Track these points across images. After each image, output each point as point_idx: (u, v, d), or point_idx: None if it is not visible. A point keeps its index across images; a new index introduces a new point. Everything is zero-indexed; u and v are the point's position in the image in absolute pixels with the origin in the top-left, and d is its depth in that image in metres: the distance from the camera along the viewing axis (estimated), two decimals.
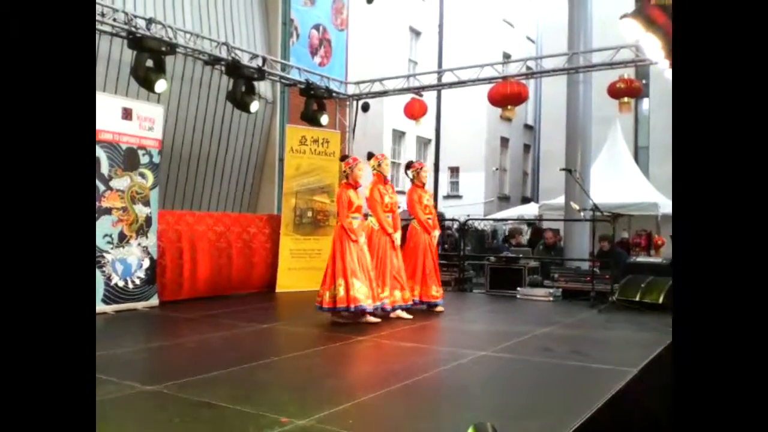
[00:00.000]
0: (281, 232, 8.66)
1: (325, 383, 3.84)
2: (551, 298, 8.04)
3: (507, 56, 20.19)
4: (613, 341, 5.60)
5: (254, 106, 8.30)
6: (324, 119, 9.34)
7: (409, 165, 7.23)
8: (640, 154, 17.86)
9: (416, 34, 19.18)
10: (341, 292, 5.77)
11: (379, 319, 5.93)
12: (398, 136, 18.33)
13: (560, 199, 11.49)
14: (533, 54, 20.93)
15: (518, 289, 8.39)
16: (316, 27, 11.65)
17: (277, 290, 8.50)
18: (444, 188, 20.15)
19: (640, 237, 11.17)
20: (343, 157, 6.40)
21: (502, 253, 10.02)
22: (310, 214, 8.92)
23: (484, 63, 9.56)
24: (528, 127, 23.62)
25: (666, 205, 12.98)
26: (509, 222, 15.19)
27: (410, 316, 6.37)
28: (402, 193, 9.25)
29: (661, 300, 6.97)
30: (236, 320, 6.25)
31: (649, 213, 12.50)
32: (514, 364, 4.61)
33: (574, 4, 10.74)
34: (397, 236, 6.49)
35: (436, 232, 7.07)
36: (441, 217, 17.34)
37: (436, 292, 6.82)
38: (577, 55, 9.19)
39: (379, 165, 6.57)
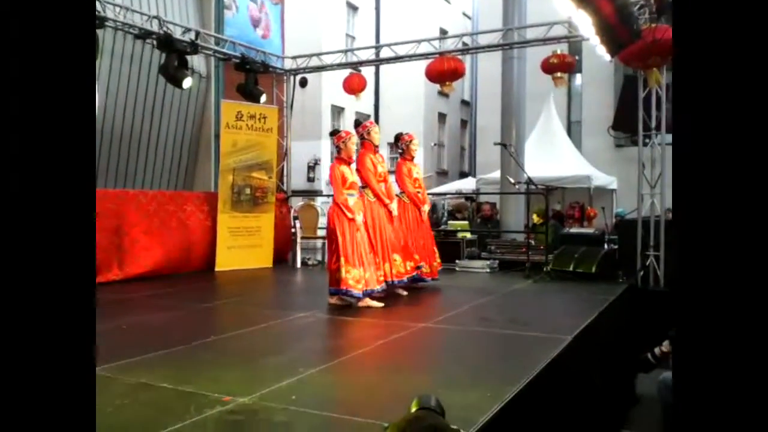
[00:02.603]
0: (219, 209, 8.49)
1: (267, 360, 3.83)
2: (488, 270, 8.21)
3: (443, 32, 20.23)
4: (549, 310, 5.79)
5: (187, 82, 8.04)
6: (263, 98, 9.18)
7: (398, 137, 6.99)
8: (572, 129, 18.31)
9: (353, 9, 18.99)
10: (343, 273, 5.54)
11: (382, 304, 5.63)
12: (337, 111, 18.21)
13: (496, 174, 11.70)
14: (469, 30, 21.04)
15: (457, 261, 8.53)
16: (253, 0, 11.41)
17: (217, 269, 8.36)
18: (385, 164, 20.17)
19: (574, 209, 11.51)
20: (334, 132, 6.09)
21: (440, 227, 10.16)
22: (248, 191, 8.78)
23: (421, 38, 9.56)
24: (465, 103, 23.84)
25: (598, 178, 13.41)
26: (447, 196, 15.37)
27: (405, 293, 6.22)
28: None
29: (593, 270, 7.22)
30: (174, 300, 6.15)
31: (582, 186, 12.89)
32: (454, 334, 4.72)
33: None
34: (394, 206, 6.24)
35: (426, 207, 6.91)
36: None
37: (426, 267, 6.69)
38: (512, 31, 9.29)
39: (369, 133, 6.21)
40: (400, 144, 6.96)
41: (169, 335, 4.49)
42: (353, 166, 5.98)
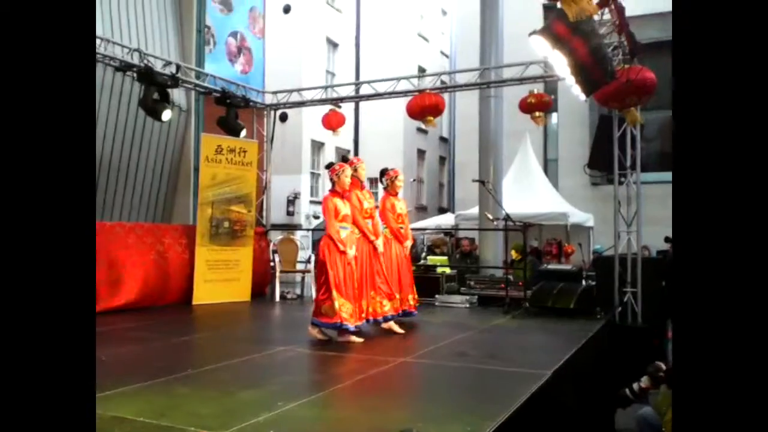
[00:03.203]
0: (197, 242, 8.42)
1: (245, 394, 3.78)
2: (467, 305, 8.23)
3: (422, 70, 20.57)
4: (527, 346, 5.79)
5: (166, 114, 8.03)
6: (243, 132, 9.20)
7: (383, 172, 6.93)
8: (549, 167, 18.56)
9: (333, 45, 19.26)
10: (336, 306, 5.45)
11: (362, 339, 5.58)
12: (317, 146, 18.31)
13: (475, 210, 11.78)
14: (447, 68, 21.43)
15: (436, 296, 8.52)
16: (233, 34, 11.53)
17: (194, 303, 8.24)
18: None
19: (551, 245, 11.60)
20: (329, 165, 6.06)
21: (419, 262, 10.16)
22: (226, 224, 8.74)
23: (400, 76, 9.70)
24: (443, 140, 24.13)
25: (574, 215, 13.55)
26: (427, 231, 15.42)
27: (402, 331, 6.14)
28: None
29: (571, 305, 7.26)
30: (151, 333, 6.07)
31: (558, 222, 12.99)
32: (434, 369, 4.70)
33: (486, 20, 11.08)
34: (380, 243, 6.19)
35: (408, 243, 6.85)
36: None
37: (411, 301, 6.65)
38: (489, 70, 9.48)
39: (356, 170, 6.15)
40: (385, 179, 6.89)
41: (146, 368, 4.40)
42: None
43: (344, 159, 6.28)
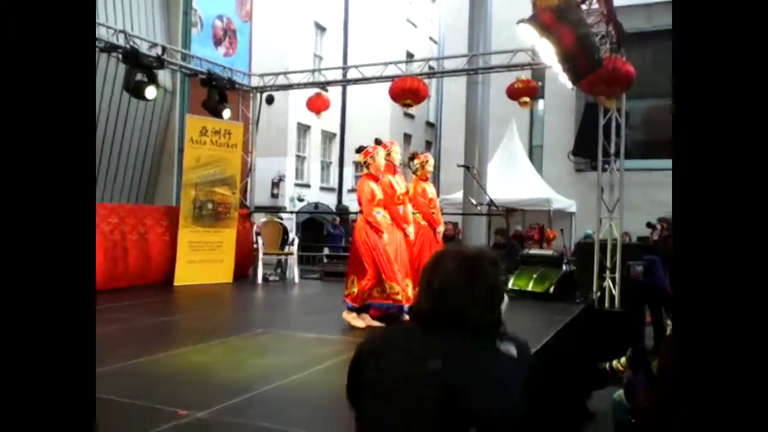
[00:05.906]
0: (180, 224, 8.38)
1: (225, 375, 3.81)
2: None
3: (410, 55, 20.50)
4: (507, 328, 5.85)
5: (150, 92, 7.91)
6: (226, 113, 9.13)
7: (413, 156, 6.76)
8: (534, 153, 18.63)
9: (321, 29, 19.13)
10: (410, 291, 5.28)
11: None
12: (303, 129, 18.25)
13: (459, 194, 11.84)
14: (435, 54, 21.37)
15: None
16: (220, 17, 11.44)
17: (176, 284, 8.23)
18: (349, 182, 20.27)
19: (533, 230, 11.70)
20: (360, 148, 5.83)
21: None
22: (210, 206, 8.71)
23: (387, 61, 9.68)
24: (430, 125, 24.11)
25: (557, 201, 13.66)
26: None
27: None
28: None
29: (551, 290, 7.35)
30: (131, 314, 6.06)
31: (541, 208, 13.10)
32: None
33: (475, 7, 11.10)
34: (411, 230, 5.99)
35: (441, 228, 6.71)
36: (346, 211, 17.42)
37: None
38: (477, 56, 9.48)
39: (389, 153, 5.94)
40: (416, 163, 6.69)
41: (125, 348, 4.41)
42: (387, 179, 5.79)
43: (378, 141, 5.97)
